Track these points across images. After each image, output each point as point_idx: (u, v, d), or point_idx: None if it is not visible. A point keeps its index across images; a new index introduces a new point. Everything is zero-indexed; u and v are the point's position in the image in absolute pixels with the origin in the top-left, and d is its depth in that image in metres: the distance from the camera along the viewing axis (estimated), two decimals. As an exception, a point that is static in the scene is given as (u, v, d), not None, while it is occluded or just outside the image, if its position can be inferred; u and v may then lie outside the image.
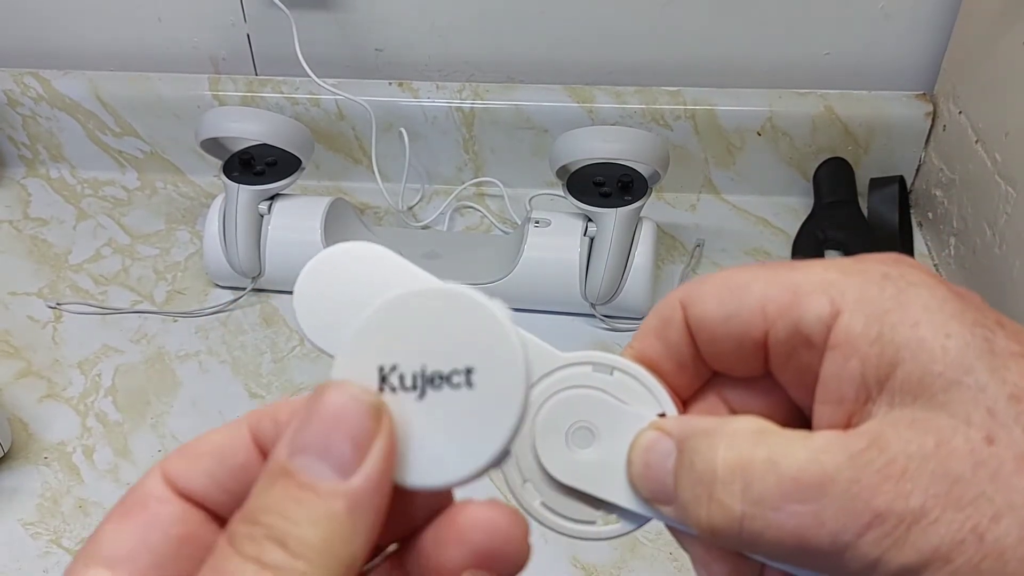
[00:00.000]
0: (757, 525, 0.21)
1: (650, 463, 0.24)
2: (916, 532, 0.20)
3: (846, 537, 0.20)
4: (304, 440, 0.20)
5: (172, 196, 0.89)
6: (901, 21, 0.81)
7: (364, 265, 0.25)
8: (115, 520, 0.22)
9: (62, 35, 0.88)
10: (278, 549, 0.19)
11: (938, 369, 0.21)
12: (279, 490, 0.20)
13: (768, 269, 0.24)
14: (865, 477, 0.20)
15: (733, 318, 0.24)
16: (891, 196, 0.83)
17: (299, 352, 0.73)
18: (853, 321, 0.22)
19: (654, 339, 0.26)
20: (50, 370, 0.72)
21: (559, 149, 0.71)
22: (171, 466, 0.22)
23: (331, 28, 0.84)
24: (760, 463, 0.21)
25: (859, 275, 0.22)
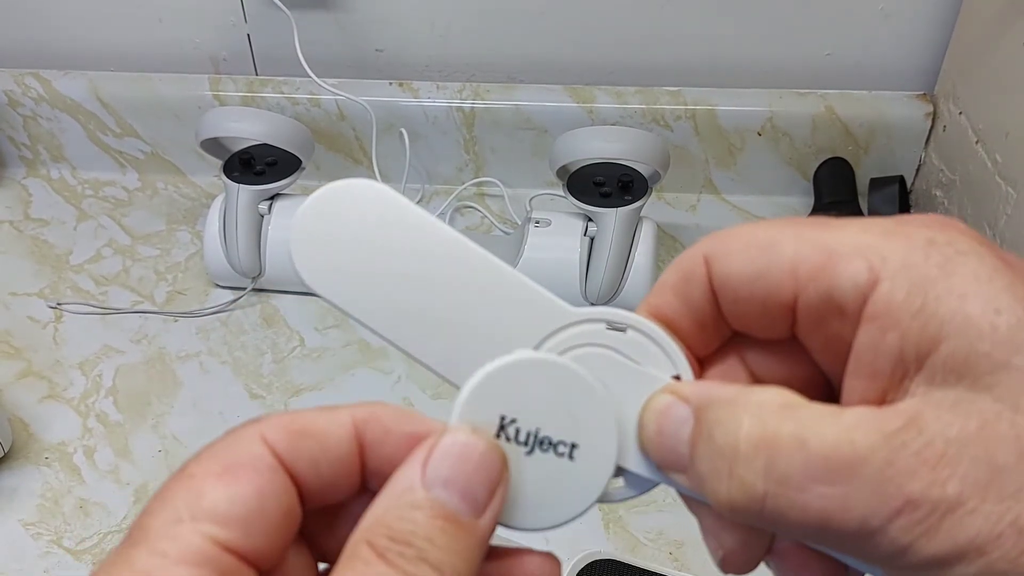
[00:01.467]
0: (780, 504, 0.20)
1: (663, 429, 0.23)
2: (951, 521, 0.18)
3: (875, 522, 0.19)
4: (445, 475, 0.21)
5: (172, 196, 0.89)
6: (901, 21, 0.81)
7: (365, 204, 0.24)
8: (218, 477, 0.21)
9: (62, 35, 0.88)
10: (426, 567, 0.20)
11: (985, 348, 0.19)
12: (426, 517, 0.21)
13: (800, 226, 0.22)
14: (900, 460, 0.19)
15: (761, 278, 0.22)
16: (891, 196, 0.83)
17: (300, 352, 0.73)
18: (895, 290, 0.20)
19: (672, 295, 0.24)
20: (51, 370, 0.72)
21: (559, 149, 0.71)
22: (272, 436, 0.22)
23: (331, 28, 0.84)
24: (787, 439, 0.20)
25: (902, 239, 0.21)
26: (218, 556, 0.20)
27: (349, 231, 0.24)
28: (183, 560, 0.20)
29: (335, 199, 0.24)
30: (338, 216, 0.24)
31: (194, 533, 0.20)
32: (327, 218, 0.24)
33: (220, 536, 0.20)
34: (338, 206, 0.24)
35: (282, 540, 0.22)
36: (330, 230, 0.24)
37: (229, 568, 0.20)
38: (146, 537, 0.20)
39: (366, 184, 0.24)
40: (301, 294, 0.78)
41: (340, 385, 0.71)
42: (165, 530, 0.20)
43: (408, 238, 0.24)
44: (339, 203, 0.24)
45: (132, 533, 0.20)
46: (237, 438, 0.22)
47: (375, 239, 0.24)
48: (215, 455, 0.22)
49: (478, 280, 0.24)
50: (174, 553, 0.20)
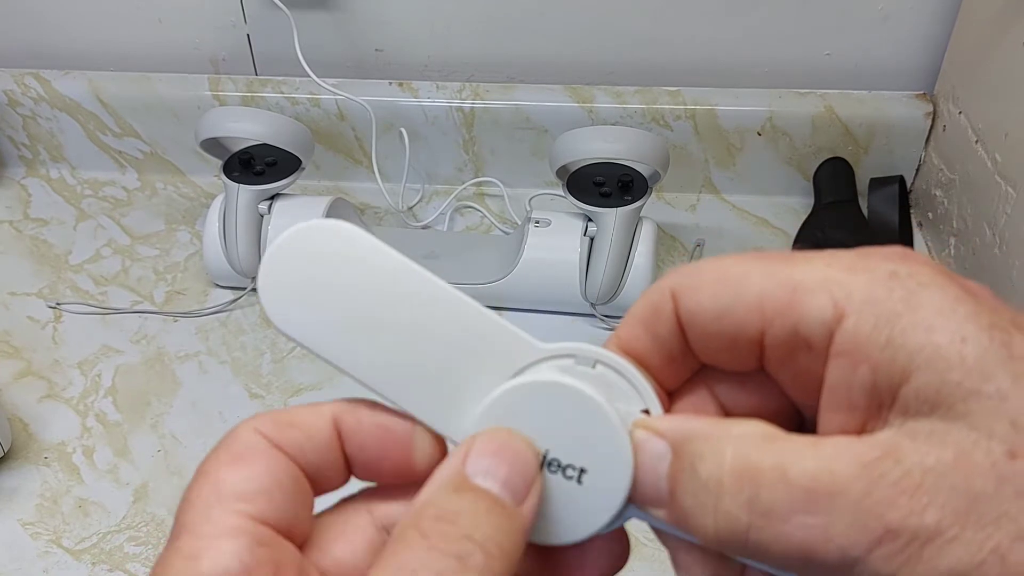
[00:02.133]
0: (764, 536, 0.20)
1: (643, 465, 0.23)
2: (931, 550, 0.19)
3: (856, 552, 0.19)
4: (485, 467, 0.22)
5: (172, 196, 0.89)
6: (901, 22, 0.81)
7: (332, 245, 0.24)
8: (230, 464, 0.23)
9: (62, 35, 0.88)
10: (479, 551, 0.21)
11: (955, 378, 0.19)
12: (469, 500, 0.22)
13: (766, 261, 0.22)
14: (879, 490, 0.19)
15: (727, 314, 0.22)
16: (891, 196, 0.83)
17: (299, 352, 0.73)
18: (861, 325, 0.20)
19: (641, 330, 0.24)
20: (50, 370, 0.72)
21: (559, 149, 0.71)
22: (263, 428, 0.24)
23: (331, 28, 0.84)
24: (769, 471, 0.20)
25: (865, 273, 0.21)
26: (251, 527, 0.22)
27: (317, 273, 0.24)
28: (222, 535, 0.21)
29: (302, 241, 0.24)
30: (305, 258, 0.24)
31: (225, 512, 0.22)
32: (294, 260, 0.24)
33: (246, 510, 0.22)
34: (305, 248, 0.24)
35: (300, 509, 0.23)
36: (298, 273, 0.24)
37: (264, 536, 0.22)
38: (185, 528, 0.22)
39: (332, 224, 0.24)
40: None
41: (339, 385, 0.70)
42: (200, 517, 0.22)
43: (376, 278, 0.24)
44: (306, 245, 0.24)
45: (172, 532, 0.22)
46: (235, 434, 0.24)
47: (343, 281, 0.24)
48: (220, 451, 0.23)
49: (446, 318, 0.24)
50: (214, 532, 0.21)
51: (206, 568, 0.21)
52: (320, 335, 0.24)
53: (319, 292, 0.24)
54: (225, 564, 0.21)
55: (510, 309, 0.76)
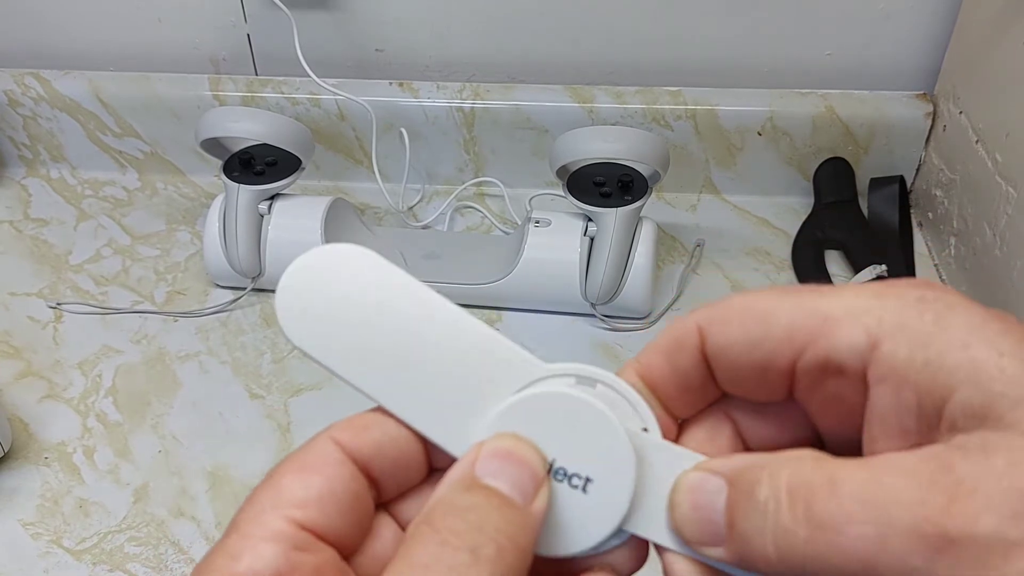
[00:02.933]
0: (821, 549, 0.20)
1: (699, 503, 0.23)
2: (996, 556, 0.18)
3: (915, 561, 0.19)
4: (495, 467, 0.23)
5: (172, 196, 0.89)
6: (901, 21, 0.81)
7: (350, 268, 0.25)
8: (294, 473, 0.24)
9: (62, 35, 0.88)
10: (491, 544, 0.22)
11: (999, 389, 0.20)
12: (480, 497, 0.23)
13: (793, 295, 0.23)
14: (932, 498, 0.19)
15: (757, 347, 0.23)
16: (891, 196, 0.83)
17: (299, 353, 0.73)
18: (897, 350, 0.21)
19: (662, 359, 0.25)
20: (50, 370, 0.72)
21: (559, 149, 0.71)
22: (340, 435, 0.25)
23: (331, 28, 0.84)
24: (821, 485, 0.21)
25: (894, 299, 0.22)
26: (295, 533, 0.23)
27: (332, 294, 0.25)
28: (265, 539, 0.23)
29: (319, 262, 0.25)
30: (322, 279, 0.25)
31: (275, 518, 0.23)
32: (311, 281, 0.25)
33: (297, 516, 0.23)
34: (322, 269, 0.25)
35: (356, 520, 0.24)
36: (314, 292, 0.25)
37: (305, 543, 0.23)
38: (236, 528, 0.23)
39: (349, 248, 0.25)
40: (301, 294, 0.78)
41: (339, 385, 0.70)
42: (251, 519, 0.23)
43: (387, 300, 0.25)
44: (323, 267, 0.25)
45: (226, 530, 0.24)
46: (311, 443, 0.25)
47: (357, 301, 0.25)
48: (293, 459, 0.25)
49: (454, 338, 0.25)
50: (258, 534, 0.23)
51: (243, 567, 0.22)
52: (333, 352, 0.25)
53: (333, 311, 0.25)
54: (259, 566, 0.22)
55: (510, 309, 0.76)
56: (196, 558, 0.60)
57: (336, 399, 0.69)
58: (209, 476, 0.65)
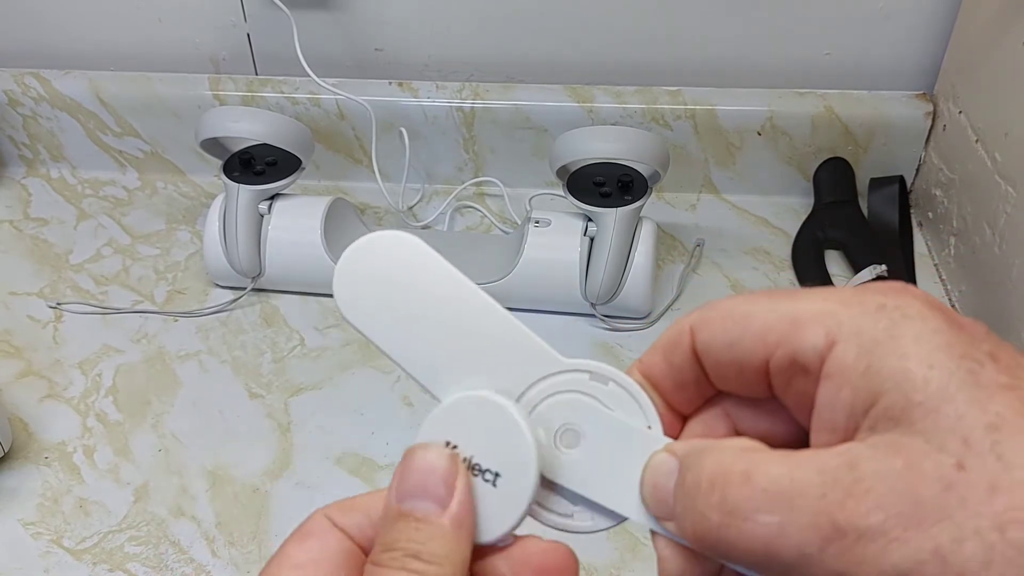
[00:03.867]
0: (731, 534, 0.22)
1: (656, 483, 0.26)
2: (875, 549, 0.20)
3: (809, 549, 0.21)
4: (409, 487, 0.26)
5: (172, 196, 0.89)
6: (901, 21, 0.81)
7: (399, 254, 0.28)
8: (296, 541, 0.28)
9: (62, 35, 0.88)
10: (416, 561, 0.25)
11: (918, 398, 0.21)
12: (402, 525, 0.26)
13: (772, 298, 0.25)
14: (831, 493, 0.21)
15: (735, 346, 0.25)
16: (891, 196, 0.83)
17: (299, 352, 0.73)
18: (846, 352, 0.23)
19: (661, 358, 0.27)
20: (50, 370, 0.72)
21: (559, 149, 0.71)
22: (331, 512, 0.28)
23: (331, 28, 0.85)
24: (737, 475, 0.23)
25: (856, 306, 0.23)
26: None
27: (382, 277, 0.28)
28: None
29: (374, 247, 0.28)
30: (374, 263, 0.28)
31: None
32: (365, 264, 0.28)
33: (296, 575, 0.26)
34: (375, 254, 0.28)
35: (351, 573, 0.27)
36: (366, 274, 0.28)
37: None
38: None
39: (400, 235, 0.28)
40: (301, 294, 0.78)
41: (340, 385, 0.71)
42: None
43: (431, 286, 0.28)
44: (377, 251, 0.28)
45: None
46: (309, 518, 0.28)
47: (404, 284, 0.28)
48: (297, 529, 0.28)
49: (486, 326, 0.28)
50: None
51: None
52: (378, 327, 0.28)
53: (382, 293, 0.28)
54: None
55: (510, 309, 0.75)
56: (196, 558, 0.60)
57: (336, 399, 0.69)
58: (209, 476, 0.65)
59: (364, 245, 0.28)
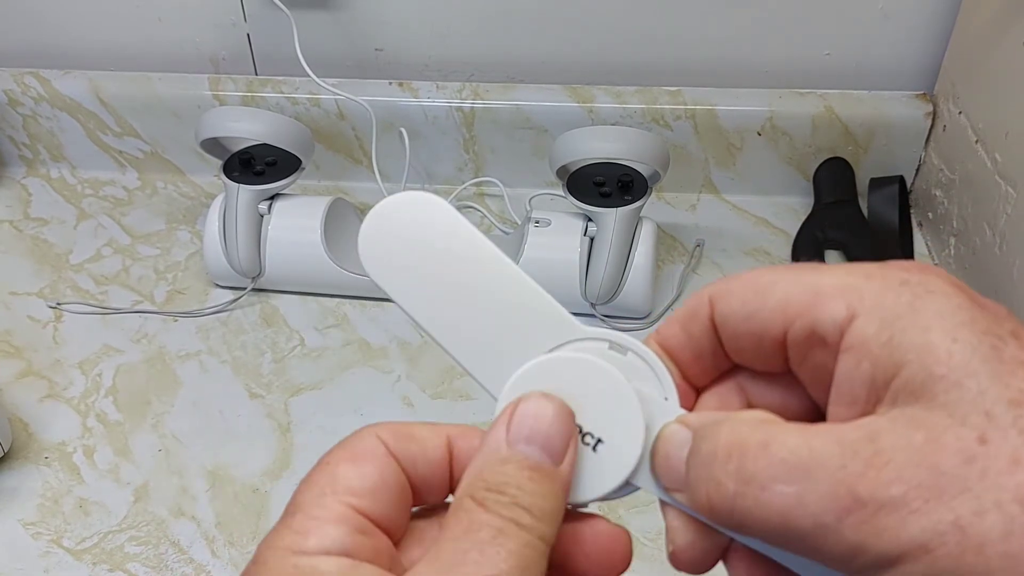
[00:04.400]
0: (747, 503, 0.22)
1: (669, 453, 0.26)
2: (895, 520, 0.20)
3: (827, 519, 0.21)
4: (526, 433, 0.25)
5: (172, 196, 0.89)
6: (901, 21, 0.81)
7: (425, 215, 0.28)
8: (348, 463, 0.26)
9: (62, 35, 0.88)
10: (527, 515, 0.24)
11: (941, 372, 0.21)
12: (512, 469, 0.25)
13: (793, 271, 0.25)
14: (851, 465, 0.21)
15: (754, 316, 0.25)
16: (891, 196, 0.83)
17: (299, 352, 0.73)
18: (867, 325, 0.22)
19: (679, 328, 0.27)
20: (51, 370, 0.72)
21: (559, 149, 0.71)
22: (384, 435, 0.27)
23: (331, 28, 0.85)
24: (754, 445, 0.23)
25: (879, 280, 0.23)
26: (355, 518, 0.25)
27: (409, 236, 0.28)
28: (330, 521, 0.24)
29: (400, 208, 0.28)
30: (401, 223, 0.28)
31: (336, 502, 0.25)
32: (392, 224, 0.28)
33: (355, 503, 0.25)
34: (402, 214, 0.28)
35: (401, 511, 0.26)
36: (393, 234, 0.28)
37: (364, 527, 0.25)
38: (300, 508, 0.25)
39: (427, 196, 0.28)
40: (301, 294, 0.78)
41: (340, 384, 0.71)
42: (314, 502, 0.25)
43: (456, 248, 0.28)
44: (403, 211, 0.28)
45: (288, 509, 0.25)
46: (359, 436, 0.27)
47: (429, 245, 0.28)
48: (343, 448, 0.26)
49: (510, 291, 0.28)
50: (323, 516, 0.24)
51: (312, 544, 0.24)
52: (402, 288, 0.28)
53: (408, 252, 0.28)
54: (327, 544, 0.24)
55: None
56: (196, 558, 0.60)
57: (336, 399, 0.69)
58: (209, 476, 0.65)
59: (391, 205, 0.28)
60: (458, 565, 0.23)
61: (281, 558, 0.24)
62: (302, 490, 0.25)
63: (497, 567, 0.23)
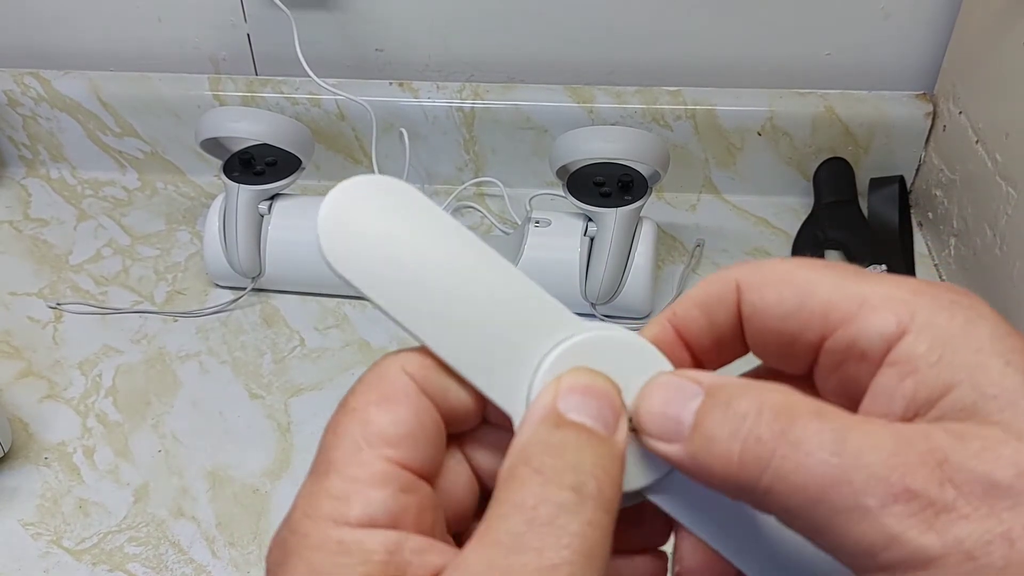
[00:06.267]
0: (787, 466, 0.21)
1: (671, 400, 0.23)
2: (944, 520, 0.19)
3: (869, 502, 0.20)
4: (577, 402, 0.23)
5: (172, 196, 0.89)
6: (901, 21, 0.81)
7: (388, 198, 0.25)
8: (379, 406, 0.23)
9: (62, 35, 0.88)
10: (591, 480, 0.22)
11: (993, 392, 0.21)
12: (571, 433, 0.23)
13: (835, 273, 0.23)
14: (905, 455, 0.20)
15: (792, 316, 0.23)
16: (891, 196, 0.83)
17: (299, 352, 0.73)
18: (918, 343, 0.22)
19: (698, 312, 0.25)
20: (50, 370, 0.72)
21: (559, 149, 0.71)
22: (411, 368, 0.24)
23: (331, 28, 0.84)
24: (806, 411, 0.21)
25: (929, 298, 0.22)
26: (397, 474, 0.23)
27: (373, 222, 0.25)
28: (372, 482, 0.22)
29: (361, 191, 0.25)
30: (363, 207, 0.25)
31: (375, 458, 0.23)
32: (353, 208, 0.25)
33: (393, 455, 0.23)
34: (364, 197, 0.25)
35: (438, 452, 0.24)
36: (355, 219, 0.25)
37: (407, 483, 0.23)
38: (334, 467, 0.23)
39: (391, 180, 0.25)
40: (301, 294, 0.78)
41: (340, 385, 0.70)
42: (350, 458, 0.23)
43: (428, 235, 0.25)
44: (365, 195, 0.25)
45: (318, 466, 0.23)
46: (383, 372, 0.24)
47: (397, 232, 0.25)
48: (369, 389, 0.24)
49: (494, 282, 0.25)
50: (364, 477, 0.22)
51: (356, 513, 0.22)
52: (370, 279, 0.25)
53: (374, 239, 0.24)
54: (373, 512, 0.22)
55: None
56: (196, 558, 0.60)
57: (336, 400, 0.69)
58: (209, 476, 0.65)
59: (350, 189, 0.25)
60: (514, 553, 0.21)
61: (323, 530, 0.22)
62: (331, 442, 0.23)
63: (559, 554, 0.21)
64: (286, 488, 0.64)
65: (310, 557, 0.21)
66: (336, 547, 0.21)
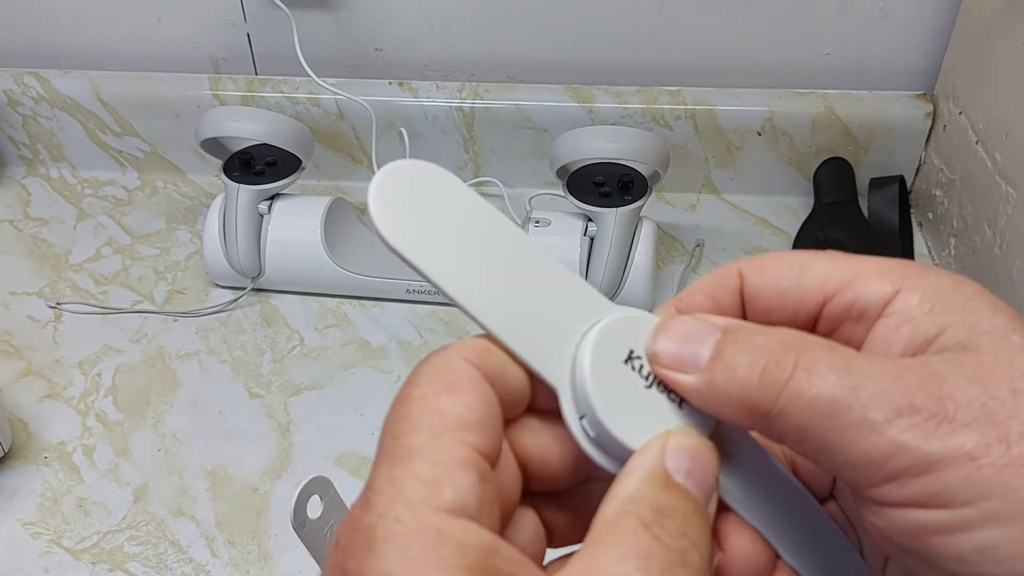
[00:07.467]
0: (800, 385, 0.22)
1: (689, 335, 0.25)
2: (945, 429, 0.21)
3: (876, 416, 0.21)
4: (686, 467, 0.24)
5: (172, 196, 0.89)
6: (901, 21, 0.81)
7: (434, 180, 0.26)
8: (448, 393, 0.23)
9: (62, 35, 0.88)
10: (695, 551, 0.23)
11: (985, 327, 0.23)
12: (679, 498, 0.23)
13: (830, 255, 0.26)
14: (907, 376, 0.22)
15: (791, 292, 0.26)
16: (891, 196, 0.83)
17: (299, 352, 0.73)
18: (911, 296, 0.24)
19: (703, 297, 0.27)
20: (50, 370, 0.72)
21: (559, 149, 0.71)
22: (468, 354, 0.24)
23: (331, 28, 0.84)
24: (816, 344, 0.23)
25: (918, 267, 0.25)
26: (476, 458, 0.23)
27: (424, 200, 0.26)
28: (458, 465, 0.22)
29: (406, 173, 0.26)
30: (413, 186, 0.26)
31: (456, 443, 0.22)
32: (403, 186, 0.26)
33: (471, 441, 0.23)
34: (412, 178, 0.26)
35: (500, 440, 0.24)
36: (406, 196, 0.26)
37: (484, 468, 0.23)
38: (417, 453, 0.22)
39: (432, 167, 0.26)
40: (301, 294, 0.78)
41: (340, 384, 0.70)
42: (433, 443, 0.22)
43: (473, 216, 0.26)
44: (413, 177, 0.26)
45: (394, 454, 0.22)
46: (444, 362, 0.24)
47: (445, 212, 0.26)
48: (434, 377, 0.24)
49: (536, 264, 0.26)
50: (449, 461, 0.22)
51: (449, 499, 0.21)
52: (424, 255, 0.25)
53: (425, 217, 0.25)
54: (464, 498, 0.22)
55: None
56: (196, 558, 0.60)
57: (337, 398, 0.69)
58: (209, 476, 0.65)
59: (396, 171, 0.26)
60: None
61: (418, 516, 0.21)
62: (405, 429, 0.23)
63: None
64: (286, 488, 0.64)
65: (405, 544, 0.21)
66: (434, 536, 0.21)
